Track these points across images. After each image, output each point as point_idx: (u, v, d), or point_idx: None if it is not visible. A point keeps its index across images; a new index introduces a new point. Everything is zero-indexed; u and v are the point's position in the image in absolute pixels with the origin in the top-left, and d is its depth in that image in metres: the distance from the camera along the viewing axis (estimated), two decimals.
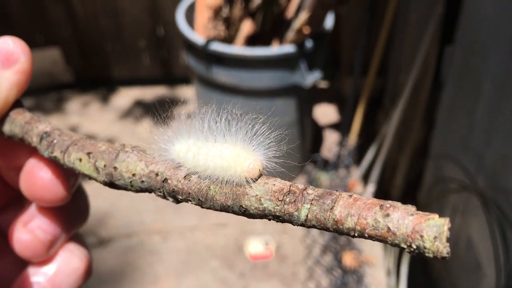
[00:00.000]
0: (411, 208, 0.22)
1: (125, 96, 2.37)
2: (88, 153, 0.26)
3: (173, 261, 1.63)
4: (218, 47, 1.42)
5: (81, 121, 2.23)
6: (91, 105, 2.32)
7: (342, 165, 1.84)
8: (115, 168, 0.25)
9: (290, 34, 1.45)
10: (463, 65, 1.26)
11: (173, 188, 0.25)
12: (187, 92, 2.38)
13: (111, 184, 0.26)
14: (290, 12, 1.60)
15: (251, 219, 0.27)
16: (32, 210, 0.27)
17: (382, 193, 1.77)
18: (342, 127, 1.83)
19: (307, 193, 0.23)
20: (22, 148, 0.27)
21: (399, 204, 0.23)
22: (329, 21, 1.55)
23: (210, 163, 0.25)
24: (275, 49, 1.43)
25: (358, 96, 1.77)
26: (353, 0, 1.88)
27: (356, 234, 0.22)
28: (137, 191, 0.26)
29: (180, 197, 0.25)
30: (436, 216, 0.23)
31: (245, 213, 0.24)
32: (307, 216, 0.23)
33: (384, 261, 1.59)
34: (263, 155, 0.26)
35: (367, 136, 1.89)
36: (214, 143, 0.26)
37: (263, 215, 0.24)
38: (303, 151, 1.84)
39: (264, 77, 1.46)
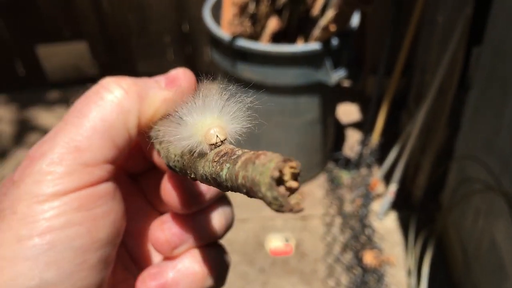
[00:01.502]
0: (276, 156, 0.20)
1: None
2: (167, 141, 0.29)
3: None
4: (244, 43, 1.43)
5: None
6: None
7: (364, 164, 1.83)
8: (168, 150, 0.28)
9: (316, 32, 1.45)
10: (491, 66, 1.24)
11: (183, 163, 0.26)
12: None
13: (169, 166, 0.28)
14: (315, 10, 1.60)
15: (271, 216, 0.27)
16: (171, 212, 0.32)
17: (404, 193, 1.76)
18: (364, 126, 1.82)
19: (234, 153, 0.23)
20: None
21: (273, 154, 0.20)
22: (355, 20, 1.54)
23: (185, 133, 0.26)
24: (300, 46, 1.43)
25: (381, 96, 1.76)
26: None
27: (245, 191, 0.21)
28: (180, 173, 0.27)
29: (189, 172, 0.26)
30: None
31: (209, 181, 0.24)
32: (226, 175, 0.22)
33: (405, 261, 1.59)
34: (234, 125, 0.26)
35: (390, 136, 1.88)
36: (194, 115, 0.26)
37: (214, 182, 0.24)
38: (325, 149, 1.84)
39: (288, 73, 1.47)
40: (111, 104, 0.28)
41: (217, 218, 0.32)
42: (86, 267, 0.25)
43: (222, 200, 0.33)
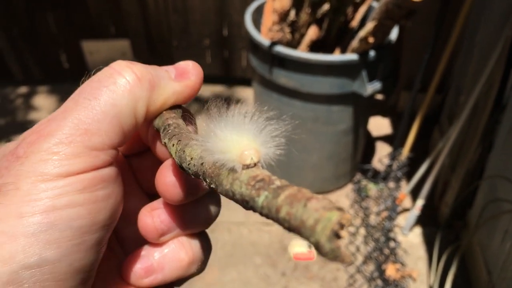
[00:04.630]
0: (332, 204, 0.20)
1: None
2: (179, 140, 0.29)
3: (218, 253, 1.68)
4: (282, 49, 1.47)
5: None
6: None
7: (392, 178, 1.84)
8: (183, 151, 0.28)
9: (354, 43, 1.47)
10: None
11: (204, 171, 0.26)
12: (244, 92, 2.44)
13: (181, 166, 0.28)
14: (355, 21, 1.62)
15: None
16: (162, 200, 0.32)
17: (431, 209, 1.76)
18: (395, 140, 1.83)
19: (273, 182, 0.23)
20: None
21: (326, 199, 0.21)
22: (393, 34, 1.56)
23: (219, 148, 0.26)
24: (338, 56, 1.45)
25: (414, 111, 1.77)
26: (419, 14, 1.88)
27: (287, 225, 0.21)
28: (193, 175, 0.28)
29: (208, 180, 0.26)
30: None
31: (235, 198, 0.25)
32: (263, 203, 0.23)
33: (427, 277, 1.58)
34: (268, 149, 0.26)
35: (420, 151, 1.88)
36: (231, 133, 0.27)
37: (242, 201, 0.24)
38: (354, 159, 1.86)
39: (324, 82, 1.49)
40: (123, 90, 0.28)
41: (206, 209, 0.33)
42: (84, 248, 0.25)
43: (211, 193, 0.33)
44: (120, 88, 0.28)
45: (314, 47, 1.61)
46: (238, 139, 0.26)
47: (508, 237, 1.30)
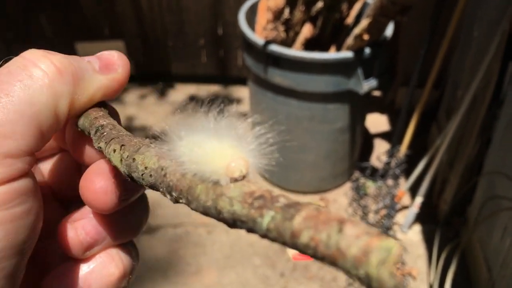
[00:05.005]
0: (372, 230, 0.18)
1: (181, 92, 2.45)
2: (122, 145, 0.26)
3: (216, 254, 1.67)
4: (277, 48, 1.45)
5: (137, 112, 2.32)
6: (148, 98, 2.41)
7: (390, 175, 1.82)
8: (133, 159, 0.25)
9: (349, 40, 1.46)
10: None
11: (169, 183, 0.23)
12: (241, 92, 2.42)
13: (129, 176, 0.25)
14: (350, 18, 1.61)
15: None
16: (85, 209, 0.28)
17: (430, 206, 1.74)
18: (393, 137, 1.81)
19: (277, 200, 0.20)
20: (92, 148, 0.28)
21: (361, 223, 0.19)
22: (389, 30, 1.55)
23: (197, 157, 0.23)
24: (333, 54, 1.44)
25: (412, 107, 1.75)
26: (414, 10, 1.86)
27: (310, 252, 0.19)
28: (147, 186, 0.25)
29: (175, 194, 0.23)
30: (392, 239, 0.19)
31: (220, 217, 0.22)
32: (268, 224, 0.20)
33: (427, 275, 1.57)
34: (256, 158, 0.23)
35: (418, 148, 1.86)
36: (211, 139, 0.23)
37: (233, 221, 0.21)
38: (352, 157, 1.84)
39: (319, 81, 1.48)
40: (41, 84, 0.23)
41: (136, 216, 0.29)
42: (2, 276, 0.21)
43: (141, 197, 0.30)
44: (37, 82, 0.23)
45: (309, 45, 1.59)
46: (221, 147, 0.23)
47: (507, 234, 1.29)
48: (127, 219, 0.29)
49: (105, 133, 0.27)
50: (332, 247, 0.18)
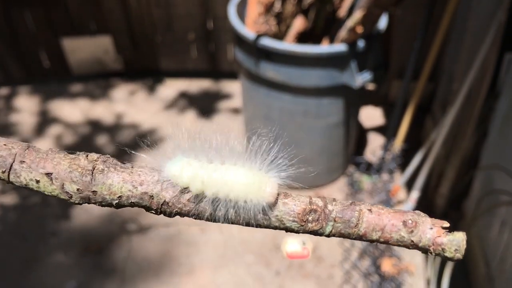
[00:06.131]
0: (428, 220, 0.26)
1: (171, 88, 2.40)
2: (48, 174, 0.22)
3: (209, 253, 1.64)
4: (268, 42, 1.41)
5: (126, 109, 2.27)
6: (137, 94, 2.36)
7: (385, 170, 1.80)
8: (94, 192, 0.23)
9: (342, 33, 1.42)
10: None
11: (176, 211, 0.24)
12: (232, 87, 2.38)
13: (87, 203, 0.24)
14: (343, 10, 1.57)
15: None
16: None
17: (426, 201, 1.72)
18: (388, 131, 1.78)
19: (329, 210, 0.24)
20: None
21: (419, 217, 0.26)
22: (382, 22, 1.51)
23: (225, 189, 0.24)
24: (326, 47, 1.40)
25: (406, 100, 1.72)
26: (408, 1, 1.83)
27: (379, 241, 0.25)
28: (122, 207, 0.24)
29: (182, 215, 0.25)
30: (455, 232, 0.27)
31: (261, 226, 0.26)
32: (331, 231, 0.24)
33: (424, 270, 1.55)
34: (276, 176, 0.26)
35: (413, 142, 1.84)
36: (225, 167, 0.25)
37: (284, 229, 0.26)
38: (347, 152, 1.81)
39: (313, 75, 1.44)
40: None
41: None
42: None
43: None
44: None
45: (302, 38, 1.55)
46: (242, 174, 0.25)
47: (505, 229, 1.27)
48: None
49: None
50: (406, 242, 0.24)
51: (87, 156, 0.23)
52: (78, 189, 0.22)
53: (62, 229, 1.74)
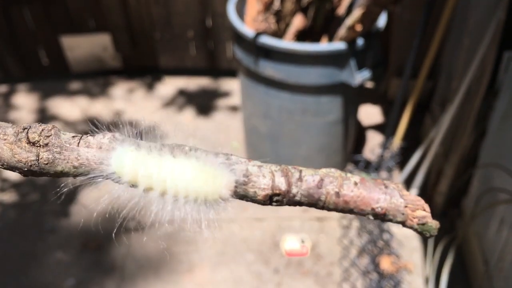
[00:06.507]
0: (401, 204, 0.29)
1: (170, 85, 2.40)
2: None
3: (208, 251, 1.64)
4: (267, 40, 1.41)
5: (125, 107, 2.27)
6: (136, 91, 2.36)
7: (384, 168, 1.80)
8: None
9: (341, 31, 1.42)
10: None
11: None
12: (231, 85, 2.38)
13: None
14: (342, 8, 1.57)
15: (288, 216, 0.32)
16: None
17: (425, 199, 1.72)
18: (386, 129, 1.78)
19: (292, 193, 0.25)
20: None
21: (391, 199, 0.29)
22: (381, 20, 1.51)
23: (179, 184, 0.24)
24: (325, 45, 1.40)
25: (405, 98, 1.72)
26: None
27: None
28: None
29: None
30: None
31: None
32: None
33: (423, 268, 1.55)
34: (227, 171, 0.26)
35: (412, 140, 1.84)
36: (174, 161, 0.25)
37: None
38: (345, 150, 1.81)
39: (312, 73, 1.44)
40: None
41: None
42: None
43: None
44: None
45: (301, 36, 1.55)
46: (199, 171, 0.26)
47: (504, 227, 1.27)
48: None
49: None
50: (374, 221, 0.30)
51: (28, 141, 0.22)
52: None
53: (61, 226, 1.74)
